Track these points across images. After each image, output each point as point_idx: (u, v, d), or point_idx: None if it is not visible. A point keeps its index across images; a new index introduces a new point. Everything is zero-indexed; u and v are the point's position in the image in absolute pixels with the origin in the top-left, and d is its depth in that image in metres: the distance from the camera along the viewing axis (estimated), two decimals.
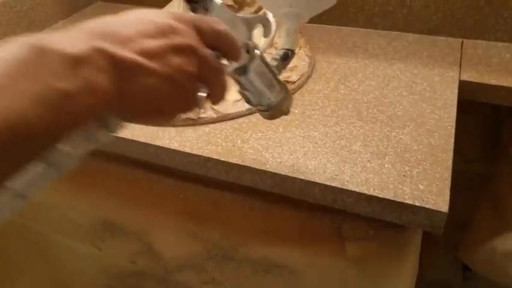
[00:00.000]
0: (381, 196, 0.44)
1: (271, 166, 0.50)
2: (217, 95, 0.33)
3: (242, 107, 0.60)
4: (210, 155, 0.53)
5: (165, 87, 0.28)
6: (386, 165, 0.48)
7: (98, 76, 0.24)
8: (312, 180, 0.47)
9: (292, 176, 0.48)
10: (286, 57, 0.45)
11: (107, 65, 0.25)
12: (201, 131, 0.58)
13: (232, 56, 0.33)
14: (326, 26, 0.83)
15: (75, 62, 0.23)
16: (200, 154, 0.53)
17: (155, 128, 0.59)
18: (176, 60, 0.28)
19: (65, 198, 0.75)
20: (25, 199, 0.25)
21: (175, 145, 0.55)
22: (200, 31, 0.30)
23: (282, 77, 0.64)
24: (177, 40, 0.28)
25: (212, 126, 0.58)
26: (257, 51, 0.37)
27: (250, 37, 0.36)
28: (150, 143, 0.56)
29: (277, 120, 0.57)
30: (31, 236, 0.91)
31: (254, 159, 0.51)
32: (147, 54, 0.27)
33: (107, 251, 0.78)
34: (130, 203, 0.68)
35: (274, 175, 0.49)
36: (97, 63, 0.24)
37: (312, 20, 0.82)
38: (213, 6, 0.32)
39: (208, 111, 0.59)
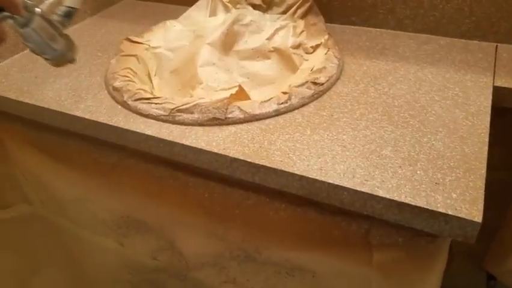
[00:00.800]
0: (413, 204, 0.43)
1: (298, 169, 0.49)
2: None
3: (269, 108, 0.59)
4: (236, 156, 0.52)
5: None
6: (418, 172, 0.47)
7: None
8: (340, 184, 0.46)
9: (320, 179, 0.47)
10: (69, 14, 0.50)
11: None
12: (227, 131, 0.57)
13: (11, 11, 0.42)
14: (354, 27, 0.82)
15: None
16: (226, 154, 0.53)
17: (183, 127, 0.59)
18: None
19: (90, 192, 0.76)
20: None
21: (201, 144, 0.55)
22: None
23: (311, 78, 0.63)
24: None
25: (239, 126, 0.58)
26: (37, 9, 0.44)
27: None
28: (177, 141, 0.56)
29: (305, 122, 0.57)
30: (54, 230, 0.92)
31: (281, 161, 0.51)
32: None
33: (129, 246, 0.79)
34: (155, 200, 0.68)
35: (301, 178, 0.48)
36: None
37: (341, 21, 0.82)
38: None
39: (235, 111, 0.59)
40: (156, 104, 0.62)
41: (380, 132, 0.54)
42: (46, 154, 0.77)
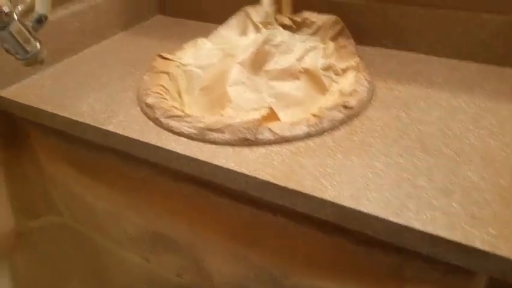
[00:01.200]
0: (448, 238, 0.42)
1: (330, 195, 0.49)
2: None
3: (299, 130, 0.59)
4: (266, 178, 0.52)
5: None
6: (454, 204, 0.46)
7: None
8: (373, 213, 0.46)
9: (352, 207, 0.47)
10: (40, 20, 0.56)
11: None
12: (257, 153, 0.57)
13: None
14: (385, 49, 0.81)
15: None
16: (256, 176, 0.53)
17: (213, 147, 0.59)
18: None
19: (119, 207, 0.76)
20: None
21: (231, 165, 0.55)
22: None
23: (341, 101, 0.63)
24: None
25: (269, 148, 0.58)
26: (15, 15, 0.51)
27: (9, 4, 0.50)
28: (208, 161, 0.57)
29: (336, 146, 0.56)
30: (82, 241, 0.93)
31: (312, 186, 0.50)
32: None
33: (155, 262, 0.79)
34: (183, 218, 0.68)
35: (333, 205, 0.48)
36: None
37: (372, 44, 0.82)
38: None
39: (266, 132, 0.59)
40: (187, 122, 0.62)
41: (413, 160, 0.53)
42: (77, 167, 0.78)
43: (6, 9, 0.49)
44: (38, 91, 0.75)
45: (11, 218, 0.85)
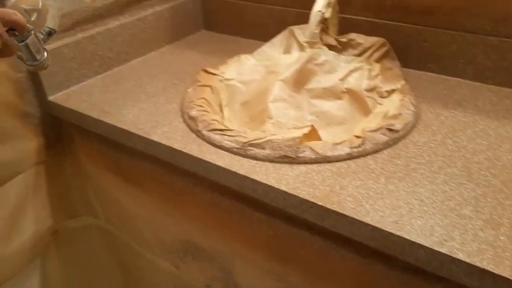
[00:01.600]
0: (495, 272, 0.41)
1: (372, 219, 0.48)
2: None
3: (341, 150, 0.59)
4: (306, 197, 0.52)
5: None
6: (501, 237, 0.44)
7: None
8: (417, 241, 0.45)
9: (395, 233, 0.46)
10: (50, 33, 0.63)
11: None
12: (298, 171, 0.57)
13: (20, 31, 0.55)
14: (431, 74, 0.80)
15: None
16: (296, 194, 0.53)
17: (253, 162, 0.59)
18: None
19: (154, 214, 0.78)
20: None
21: (271, 181, 0.55)
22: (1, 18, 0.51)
23: (386, 124, 0.62)
24: None
25: (309, 166, 0.58)
26: (32, 30, 0.58)
27: (29, 20, 0.58)
28: (247, 175, 0.57)
29: (379, 169, 0.56)
30: (115, 244, 0.95)
31: (353, 208, 0.50)
32: None
33: (185, 270, 0.80)
34: (217, 229, 0.69)
35: (374, 229, 0.47)
36: None
37: (418, 67, 0.81)
38: (11, 3, 0.54)
39: (307, 151, 0.59)
40: (229, 136, 0.63)
41: (459, 189, 0.52)
42: (117, 172, 0.80)
43: (29, 27, 0.58)
44: (86, 98, 0.78)
45: (49, 216, 0.88)
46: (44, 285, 0.93)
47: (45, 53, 0.62)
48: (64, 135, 0.86)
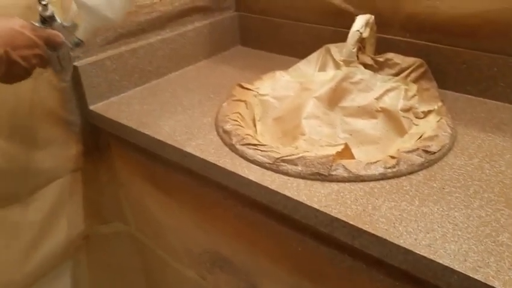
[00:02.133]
0: None
1: (405, 241, 0.47)
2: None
3: (375, 170, 0.58)
4: (338, 216, 0.52)
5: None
6: None
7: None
8: (451, 266, 0.44)
9: (428, 257, 0.45)
10: (79, 44, 0.67)
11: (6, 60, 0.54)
12: (329, 188, 0.57)
13: (58, 48, 0.63)
14: (469, 96, 0.79)
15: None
16: (328, 212, 0.53)
17: (285, 178, 0.60)
18: (33, 60, 0.59)
19: (184, 224, 0.79)
20: None
21: (302, 198, 0.55)
22: (45, 39, 0.60)
23: (422, 145, 0.61)
24: (36, 51, 0.59)
25: (342, 185, 0.58)
26: (65, 44, 0.64)
27: (67, 37, 0.65)
28: (279, 191, 0.57)
29: (413, 191, 0.55)
30: (143, 251, 0.97)
31: (386, 229, 0.49)
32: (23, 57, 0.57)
33: (211, 281, 0.80)
34: (245, 243, 0.69)
35: (407, 252, 0.46)
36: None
37: (455, 89, 0.80)
38: (56, 24, 0.63)
39: (340, 169, 0.59)
40: (262, 151, 0.64)
41: (496, 215, 0.50)
42: (150, 181, 0.82)
43: (66, 43, 0.64)
44: (125, 108, 0.81)
45: (82, 221, 0.90)
46: (73, 287, 0.95)
47: (71, 63, 0.69)
48: (101, 144, 0.88)
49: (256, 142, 0.66)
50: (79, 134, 0.84)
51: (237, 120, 0.72)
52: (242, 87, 0.82)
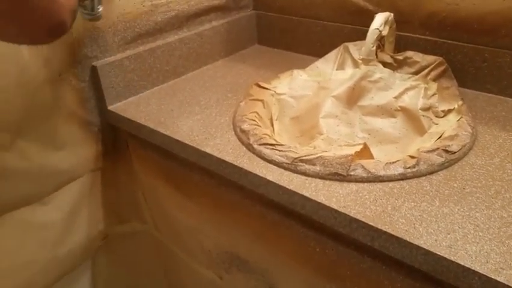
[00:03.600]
0: None
1: (425, 242, 0.47)
2: None
3: (394, 170, 0.58)
4: (357, 216, 0.51)
5: None
6: None
7: None
8: (472, 268, 0.43)
9: (449, 258, 0.44)
10: None
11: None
12: (348, 189, 0.57)
13: None
14: (490, 95, 0.78)
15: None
16: (346, 213, 0.52)
17: (303, 178, 0.59)
18: None
19: (203, 224, 0.79)
20: None
21: (321, 198, 0.55)
22: None
23: (442, 145, 0.60)
24: None
25: (361, 185, 0.57)
26: None
27: None
28: (297, 191, 0.57)
29: (433, 191, 0.54)
30: (160, 251, 0.97)
31: (406, 230, 0.48)
32: None
33: (228, 281, 0.80)
34: (263, 243, 0.69)
35: (427, 253, 0.46)
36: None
37: (475, 87, 0.78)
38: None
39: (358, 169, 0.58)
40: (280, 151, 0.64)
41: None
42: (168, 181, 0.83)
43: None
44: (143, 108, 0.81)
45: (101, 220, 0.91)
46: (92, 287, 0.96)
47: (100, 6, 0.70)
48: (120, 143, 0.90)
49: (273, 142, 0.66)
50: (98, 134, 0.85)
51: (254, 120, 0.72)
52: (259, 86, 0.82)
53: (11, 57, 0.66)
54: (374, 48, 0.75)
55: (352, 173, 0.58)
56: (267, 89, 0.82)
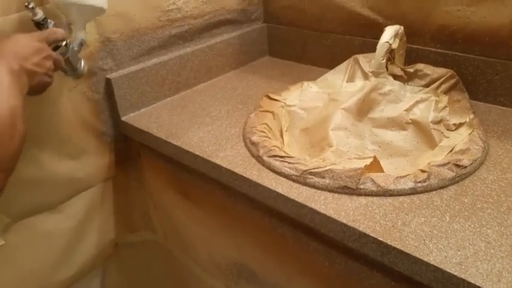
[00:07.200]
0: None
1: (435, 259, 0.46)
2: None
3: (405, 184, 0.58)
4: (366, 231, 0.51)
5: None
6: None
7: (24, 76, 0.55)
8: (483, 286, 0.42)
9: (459, 276, 0.44)
10: (81, 44, 0.70)
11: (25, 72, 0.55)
12: (357, 202, 0.56)
13: (60, 42, 0.65)
14: (502, 107, 0.77)
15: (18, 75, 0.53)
16: (356, 227, 0.52)
17: (312, 190, 0.59)
18: (46, 64, 0.60)
19: (212, 235, 0.80)
20: None
21: (330, 212, 0.55)
22: (46, 40, 0.61)
23: (453, 159, 0.60)
24: (44, 54, 0.59)
25: (370, 199, 0.57)
26: (69, 45, 0.67)
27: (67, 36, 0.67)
28: (306, 204, 0.57)
29: (444, 207, 0.54)
30: (169, 260, 0.98)
31: (416, 246, 0.48)
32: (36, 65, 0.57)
33: None
34: (272, 255, 0.69)
35: (437, 270, 0.45)
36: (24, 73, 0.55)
37: (487, 100, 0.78)
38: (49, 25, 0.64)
39: (368, 183, 0.58)
40: (289, 163, 0.64)
41: None
42: (178, 191, 0.83)
43: (67, 42, 0.66)
44: (155, 119, 0.82)
45: (111, 229, 0.92)
46: None
47: (82, 62, 0.71)
48: (132, 153, 0.90)
49: (283, 154, 0.66)
50: (111, 144, 0.86)
51: (264, 132, 0.73)
52: (269, 98, 0.83)
53: None
54: (384, 61, 0.75)
55: (361, 187, 0.58)
56: (277, 100, 0.83)
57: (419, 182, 0.57)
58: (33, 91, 0.59)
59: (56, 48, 0.65)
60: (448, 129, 0.69)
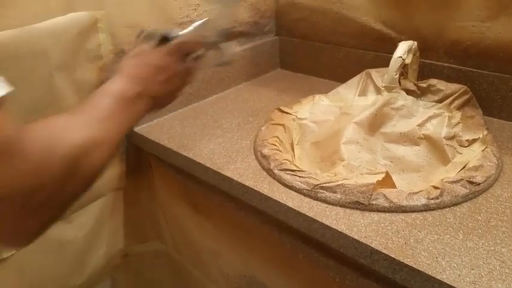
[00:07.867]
0: None
1: (448, 277, 0.45)
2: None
3: (417, 201, 0.57)
4: (378, 248, 0.51)
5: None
6: None
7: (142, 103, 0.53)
8: None
9: None
10: (226, 33, 0.65)
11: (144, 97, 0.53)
12: (369, 218, 0.56)
13: (196, 50, 0.60)
14: None
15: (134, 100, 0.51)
16: (368, 244, 0.52)
17: (323, 205, 0.59)
18: (177, 82, 0.58)
19: (222, 247, 0.79)
20: None
21: (341, 227, 0.55)
22: (176, 51, 0.57)
23: (467, 175, 0.59)
24: (168, 72, 0.56)
25: (382, 215, 0.56)
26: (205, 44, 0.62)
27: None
28: (317, 219, 0.57)
29: (457, 224, 0.53)
30: (178, 271, 0.97)
31: (428, 264, 0.47)
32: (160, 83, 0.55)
33: None
34: (281, 269, 0.68)
35: None
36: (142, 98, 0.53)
37: (501, 116, 0.77)
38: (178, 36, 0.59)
39: (380, 198, 0.58)
40: (300, 177, 0.63)
41: None
42: (189, 202, 0.83)
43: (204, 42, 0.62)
44: (167, 130, 0.83)
45: (121, 239, 0.92)
46: None
47: (229, 50, 0.65)
48: (143, 164, 0.91)
49: (294, 167, 0.66)
50: (123, 154, 0.86)
51: (275, 145, 0.73)
52: (281, 110, 0.83)
53: (43, 84, 0.68)
54: (397, 76, 0.75)
55: (374, 202, 0.57)
56: (288, 113, 0.83)
57: (432, 198, 0.56)
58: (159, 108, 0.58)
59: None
60: (461, 145, 0.69)
